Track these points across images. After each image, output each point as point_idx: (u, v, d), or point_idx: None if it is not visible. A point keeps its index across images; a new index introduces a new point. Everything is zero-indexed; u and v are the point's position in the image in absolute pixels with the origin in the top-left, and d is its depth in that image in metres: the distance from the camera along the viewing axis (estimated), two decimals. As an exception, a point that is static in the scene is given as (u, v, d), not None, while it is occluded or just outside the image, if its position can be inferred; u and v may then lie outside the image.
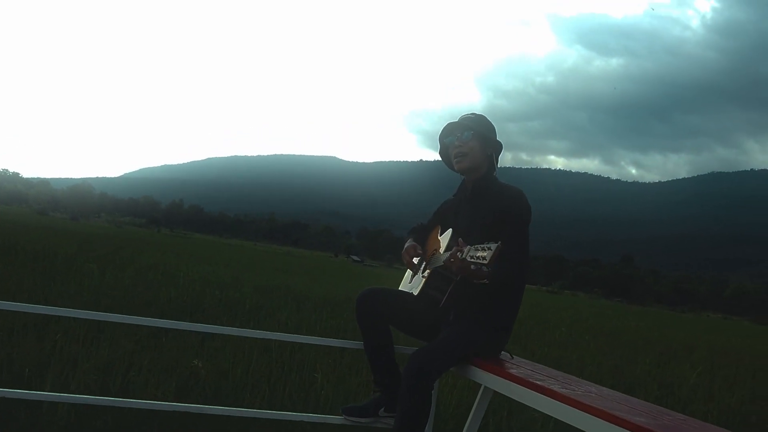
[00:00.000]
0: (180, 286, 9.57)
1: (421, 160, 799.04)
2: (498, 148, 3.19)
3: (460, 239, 2.72)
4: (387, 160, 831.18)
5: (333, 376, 5.25)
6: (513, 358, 3.08)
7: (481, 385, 3.05)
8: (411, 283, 3.35)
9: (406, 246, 3.29)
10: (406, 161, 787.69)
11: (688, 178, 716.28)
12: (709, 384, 6.86)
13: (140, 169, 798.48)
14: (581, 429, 2.18)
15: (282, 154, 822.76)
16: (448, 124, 3.23)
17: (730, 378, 7.78)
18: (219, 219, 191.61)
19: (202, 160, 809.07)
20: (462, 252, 2.65)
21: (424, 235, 3.48)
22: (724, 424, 4.61)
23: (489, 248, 2.53)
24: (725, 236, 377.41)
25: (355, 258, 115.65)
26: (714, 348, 12.39)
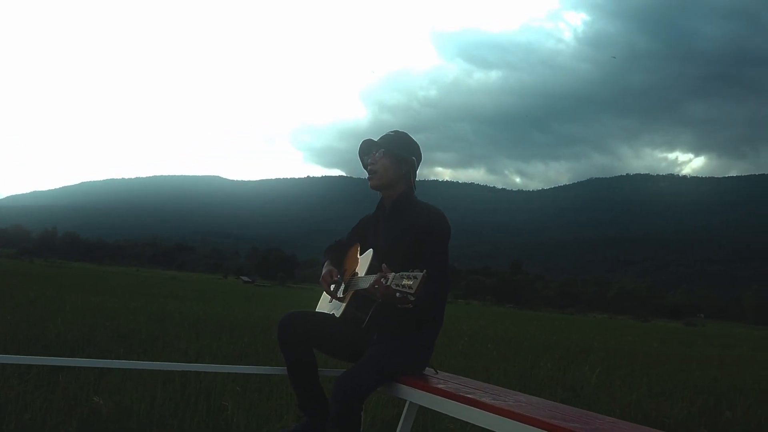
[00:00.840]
0: (68, 320, 9.03)
1: (308, 176, 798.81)
2: (410, 165, 3.18)
3: (384, 265, 2.71)
4: (273, 177, 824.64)
5: (243, 402, 5.11)
6: (438, 373, 3.10)
7: (406, 401, 3.06)
8: (331, 303, 3.31)
9: (323, 273, 3.25)
10: (293, 178, 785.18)
11: (569, 185, 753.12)
12: (608, 383, 7.20)
13: (7, 197, 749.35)
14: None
15: (162, 175, 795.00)
16: (363, 143, 3.24)
17: (626, 377, 8.18)
18: (97, 246, 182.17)
19: (76, 185, 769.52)
20: (387, 279, 2.65)
21: (341, 253, 3.45)
22: (627, 421, 4.88)
23: (415, 277, 2.54)
24: (606, 239, 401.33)
25: (246, 278, 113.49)
26: (608, 348, 13.04)
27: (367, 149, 3.22)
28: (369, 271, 3.02)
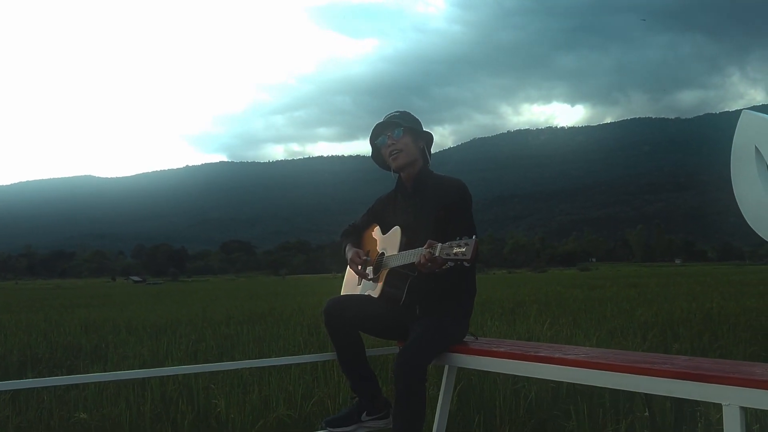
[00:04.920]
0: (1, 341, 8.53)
1: (186, 165, 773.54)
2: (429, 139, 3.28)
3: (430, 240, 2.78)
4: (150, 170, 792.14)
5: (233, 398, 5.04)
6: (478, 339, 3.22)
7: (444, 367, 3.17)
8: (361, 285, 3.35)
9: (350, 255, 3.28)
10: (171, 169, 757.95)
11: (454, 147, 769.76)
12: (562, 332, 7.58)
13: None
14: (611, 387, 2.37)
15: (27, 181, 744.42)
16: (377, 126, 3.26)
17: (571, 324, 8.61)
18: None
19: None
20: (434, 250, 2.72)
21: (358, 236, 3.49)
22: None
23: (467, 243, 2.61)
24: (494, 197, 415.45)
25: (136, 278, 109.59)
26: (539, 301, 13.54)
27: (381, 133, 3.25)
28: (402, 248, 3.08)
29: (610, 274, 46.57)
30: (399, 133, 3.17)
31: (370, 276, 3.21)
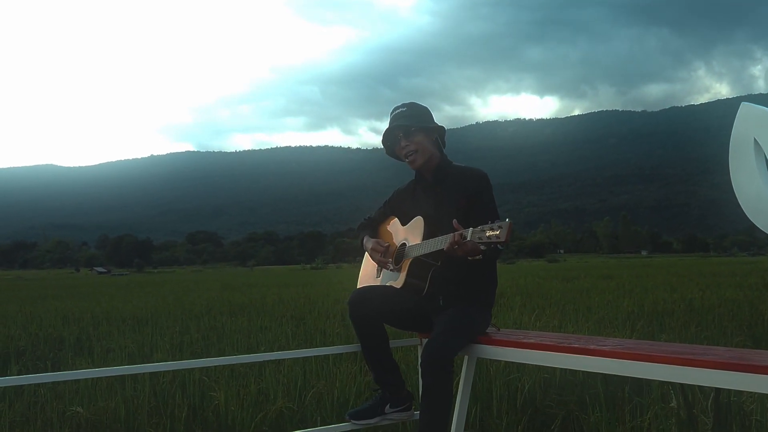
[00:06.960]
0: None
1: (151, 155, 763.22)
2: (441, 132, 3.24)
3: (455, 221, 2.75)
4: (114, 160, 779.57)
5: (230, 389, 4.96)
6: (500, 330, 3.19)
7: (464, 358, 3.13)
8: (379, 277, 3.31)
9: (371, 245, 3.24)
10: (136, 158, 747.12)
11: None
12: (551, 323, 7.60)
13: None
14: (657, 379, 2.35)
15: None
16: (387, 130, 3.21)
17: (558, 314, 8.64)
18: None
19: None
20: (465, 235, 2.69)
21: (375, 229, 3.46)
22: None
23: (500, 227, 2.58)
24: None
25: (100, 269, 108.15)
26: (520, 292, 13.57)
27: (393, 136, 3.20)
28: (425, 238, 3.04)
29: (580, 266, 47.01)
30: (410, 134, 3.13)
31: (392, 267, 3.17)
